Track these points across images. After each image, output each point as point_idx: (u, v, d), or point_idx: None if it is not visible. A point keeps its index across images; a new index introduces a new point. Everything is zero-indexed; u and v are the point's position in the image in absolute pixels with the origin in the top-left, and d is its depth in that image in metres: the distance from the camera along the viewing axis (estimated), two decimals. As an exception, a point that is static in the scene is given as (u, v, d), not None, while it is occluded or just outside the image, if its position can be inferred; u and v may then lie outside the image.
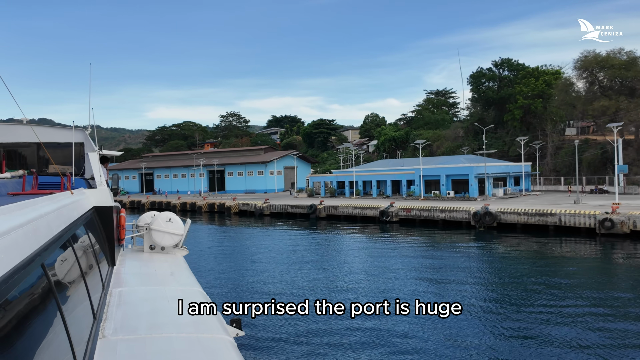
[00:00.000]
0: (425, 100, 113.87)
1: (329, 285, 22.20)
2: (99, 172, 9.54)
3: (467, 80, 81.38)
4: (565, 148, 70.82)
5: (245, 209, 62.87)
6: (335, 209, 52.31)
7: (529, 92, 72.39)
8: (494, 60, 79.22)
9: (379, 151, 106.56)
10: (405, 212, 45.67)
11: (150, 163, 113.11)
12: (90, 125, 11.50)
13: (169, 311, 6.04)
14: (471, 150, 78.33)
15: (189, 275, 8.77)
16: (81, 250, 5.56)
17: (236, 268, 27.87)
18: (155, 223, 10.78)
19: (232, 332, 6.46)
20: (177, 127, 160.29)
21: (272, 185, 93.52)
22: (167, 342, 4.98)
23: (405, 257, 29.63)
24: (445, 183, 55.70)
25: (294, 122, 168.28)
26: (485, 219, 39.66)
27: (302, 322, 16.30)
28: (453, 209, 42.76)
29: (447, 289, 21.27)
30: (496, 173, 57.03)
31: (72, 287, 4.55)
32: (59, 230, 4.30)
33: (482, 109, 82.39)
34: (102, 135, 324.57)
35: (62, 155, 10.92)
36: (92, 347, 4.46)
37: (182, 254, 10.99)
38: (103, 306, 5.88)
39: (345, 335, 15.09)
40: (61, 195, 5.95)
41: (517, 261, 27.73)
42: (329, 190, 70.51)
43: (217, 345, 5.07)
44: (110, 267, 8.19)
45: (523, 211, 38.43)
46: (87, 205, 7.26)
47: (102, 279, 6.62)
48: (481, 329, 15.65)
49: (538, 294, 19.92)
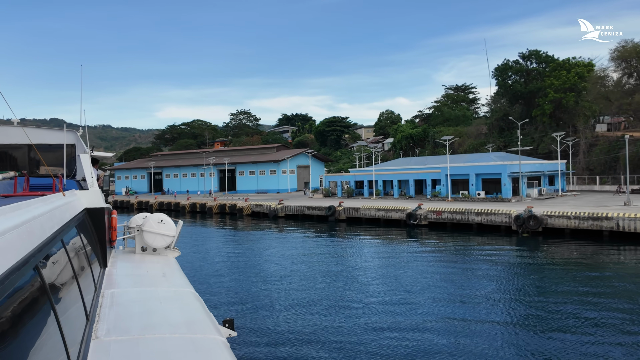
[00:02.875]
0: (444, 96, 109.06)
1: (349, 306, 18.31)
2: (91, 174, 9.64)
3: (492, 74, 76.75)
4: (600, 145, 66.04)
5: (259, 210, 59.07)
6: (357, 210, 48.26)
7: (559, 86, 67.66)
8: (521, 52, 74.50)
9: (395, 149, 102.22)
10: (436, 214, 41.48)
11: (159, 162, 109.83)
12: (82, 127, 11.40)
13: (162, 312, 6.04)
14: (496, 147, 73.78)
15: (181, 276, 8.65)
16: (73, 251, 5.55)
17: (244, 277, 24.29)
18: (147, 224, 10.61)
19: (225, 332, 6.42)
20: (186, 125, 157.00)
21: (285, 185, 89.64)
22: (160, 342, 4.94)
23: (439, 267, 25.68)
24: (475, 183, 51.32)
25: (305, 120, 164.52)
26: (530, 223, 35.36)
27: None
28: (491, 211, 38.48)
29: (495, 308, 17.39)
30: (531, 172, 52.53)
31: (65, 288, 4.55)
32: (51, 232, 4.33)
33: (508, 104, 77.66)
34: (112, 135, 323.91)
35: (54, 156, 10.91)
36: (86, 348, 4.48)
37: (174, 255, 10.82)
38: (96, 307, 5.84)
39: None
40: (53, 196, 5.95)
41: (574, 274, 23.52)
42: (347, 190, 66.46)
43: (210, 346, 5.00)
44: (102, 268, 8.11)
45: (573, 214, 34.06)
46: (78, 207, 7.24)
47: (94, 280, 6.59)
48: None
49: (609, 316, 16.01)
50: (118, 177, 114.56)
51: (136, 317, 5.81)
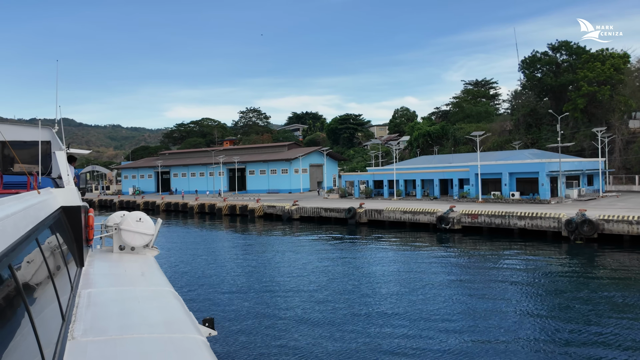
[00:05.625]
0: (463, 91, 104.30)
1: (355, 319, 14.24)
2: (67, 171, 9.35)
3: (519, 67, 72.06)
4: (639, 141, 61.29)
5: (271, 211, 55.12)
6: (379, 213, 44.12)
7: (594, 78, 62.95)
8: (550, 44, 69.78)
9: (411, 147, 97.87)
10: (471, 218, 37.22)
11: (167, 161, 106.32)
12: (57, 122, 10.93)
13: (140, 311, 5.76)
14: (523, 145, 69.21)
15: (160, 275, 8.25)
16: (49, 250, 5.34)
17: (260, 285, 20.13)
18: (124, 223, 10.18)
19: (205, 331, 6.35)
20: (195, 124, 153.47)
21: (297, 184, 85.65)
22: (138, 343, 4.68)
23: (482, 283, 21.50)
24: (509, 182, 46.94)
25: (316, 118, 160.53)
26: (583, 229, 31.01)
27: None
28: (536, 215, 34.15)
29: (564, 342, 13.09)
30: (570, 170, 48.04)
31: (40, 288, 4.39)
32: (26, 230, 4.19)
33: (536, 99, 72.94)
34: (122, 134, 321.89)
35: (29, 154, 10.48)
36: (62, 349, 4.26)
37: (152, 254, 10.31)
38: (72, 307, 5.57)
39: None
40: (28, 194, 5.85)
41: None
42: (365, 190, 62.34)
43: (190, 345, 4.74)
44: (78, 267, 7.83)
45: (635, 219, 29.68)
46: (54, 205, 7.00)
47: (70, 280, 6.31)
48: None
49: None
50: (125, 177, 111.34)
51: (114, 317, 5.53)
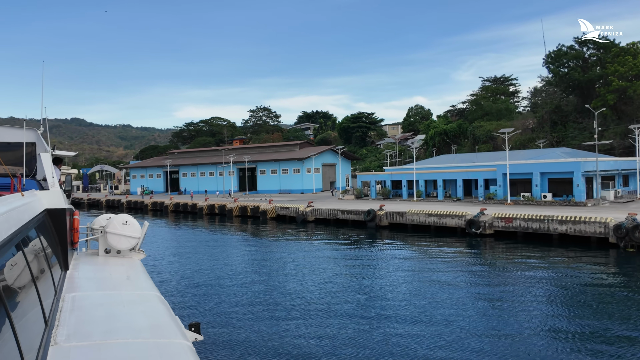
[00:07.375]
0: (481, 88, 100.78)
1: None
2: (52, 173, 9.49)
3: (543, 62, 68.66)
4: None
5: (285, 213, 52.42)
6: (402, 216, 41.22)
7: (625, 73, 59.45)
8: (576, 37, 66.32)
9: (427, 146, 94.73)
10: (505, 222, 34.19)
11: (176, 160, 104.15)
12: (42, 123, 10.71)
13: (125, 316, 5.60)
14: (548, 143, 65.83)
15: (146, 279, 7.95)
16: (32, 254, 5.20)
17: (277, 297, 17.35)
18: (110, 226, 9.90)
19: (191, 336, 6.12)
20: (204, 123, 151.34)
21: (310, 184, 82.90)
22: (123, 348, 4.53)
23: (524, 297, 18.47)
24: (540, 183, 43.79)
25: (327, 117, 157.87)
26: (635, 235, 27.90)
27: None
28: (580, 219, 31.05)
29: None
30: (606, 170, 44.76)
31: (23, 292, 4.32)
32: (8, 233, 4.12)
33: (562, 95, 69.47)
34: (132, 134, 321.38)
35: (13, 155, 10.15)
36: (44, 354, 4.14)
37: (139, 257, 9.96)
38: (55, 312, 5.39)
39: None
40: (11, 197, 5.71)
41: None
42: (382, 191, 59.41)
43: (175, 350, 4.64)
44: (63, 271, 7.57)
45: (696, 225, 26.52)
46: (38, 208, 6.83)
47: (54, 283, 6.11)
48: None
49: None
50: (133, 176, 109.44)
51: (98, 321, 5.37)
